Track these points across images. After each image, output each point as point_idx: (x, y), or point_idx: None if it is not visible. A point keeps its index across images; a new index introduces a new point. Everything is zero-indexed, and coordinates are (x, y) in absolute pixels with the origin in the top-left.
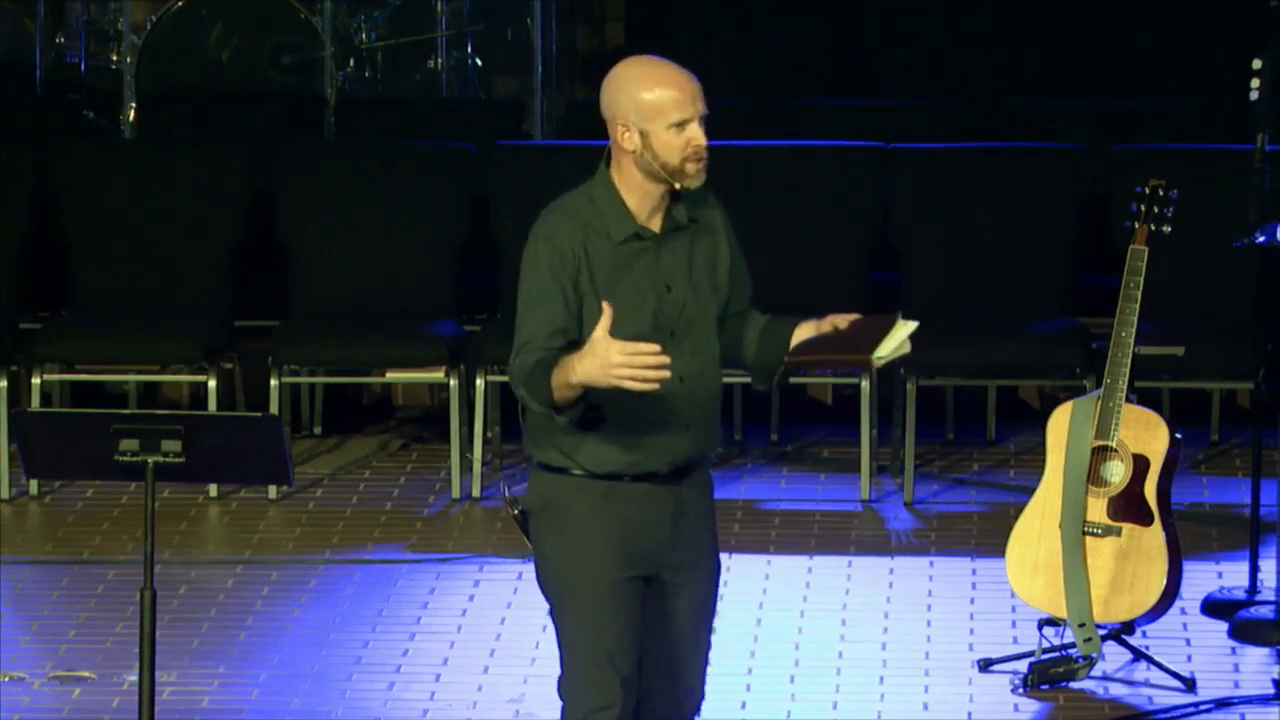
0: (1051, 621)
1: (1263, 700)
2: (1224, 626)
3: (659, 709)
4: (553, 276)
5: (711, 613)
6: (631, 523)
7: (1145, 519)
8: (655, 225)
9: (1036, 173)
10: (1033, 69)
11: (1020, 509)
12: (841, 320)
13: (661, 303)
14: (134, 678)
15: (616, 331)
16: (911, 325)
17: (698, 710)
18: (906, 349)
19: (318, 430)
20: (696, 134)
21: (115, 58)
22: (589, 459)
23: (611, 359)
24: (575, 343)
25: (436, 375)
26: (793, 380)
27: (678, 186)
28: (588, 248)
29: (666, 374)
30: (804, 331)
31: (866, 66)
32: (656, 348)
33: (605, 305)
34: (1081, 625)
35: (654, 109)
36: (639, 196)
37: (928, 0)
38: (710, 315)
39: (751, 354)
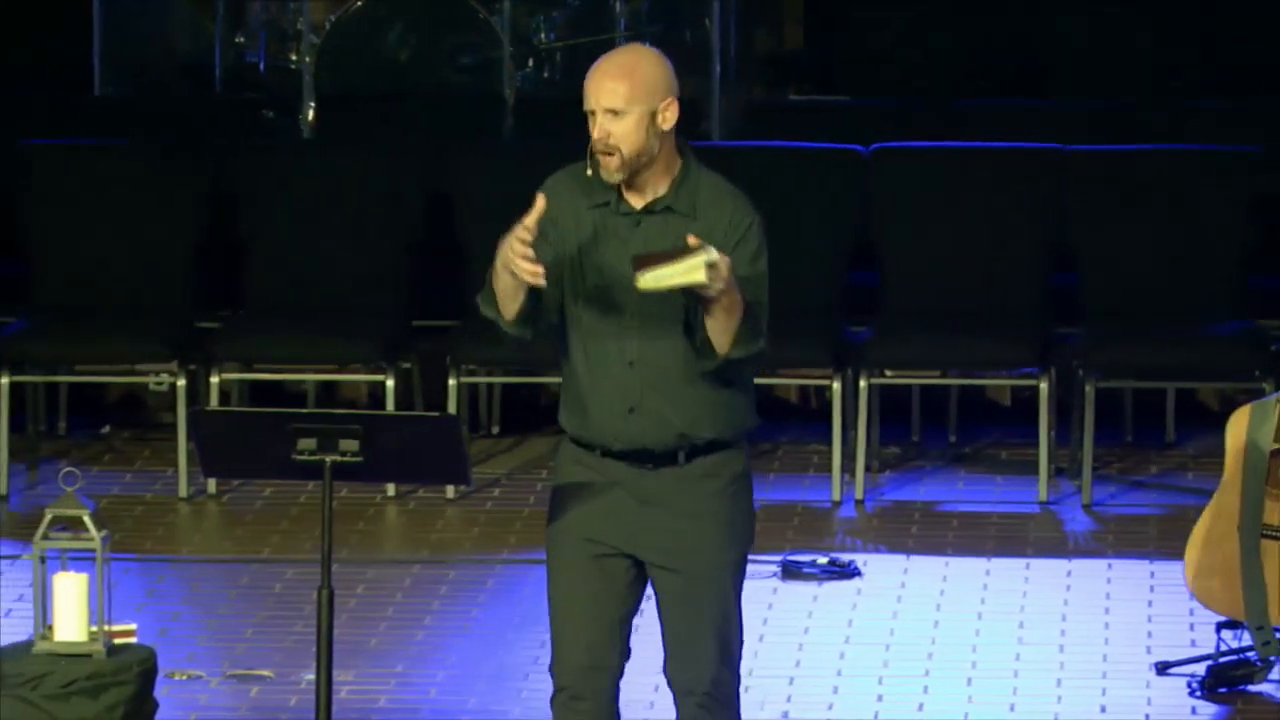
0: (1230, 624)
1: None
2: None
3: (674, 683)
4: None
5: (708, 603)
6: (598, 495)
7: None
8: (637, 202)
9: (1210, 174)
10: (1204, 69)
11: (1199, 512)
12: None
13: (624, 278)
14: (311, 676)
15: (576, 295)
16: (703, 256)
17: (713, 694)
18: (694, 278)
19: (495, 430)
20: (596, 127)
21: (294, 57)
22: (565, 420)
23: (508, 238)
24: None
25: None
26: (967, 383)
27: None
28: (571, 206)
29: (534, 270)
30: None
31: (1040, 67)
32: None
33: (539, 196)
34: (1260, 628)
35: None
36: None
37: (1100, 2)
38: (677, 305)
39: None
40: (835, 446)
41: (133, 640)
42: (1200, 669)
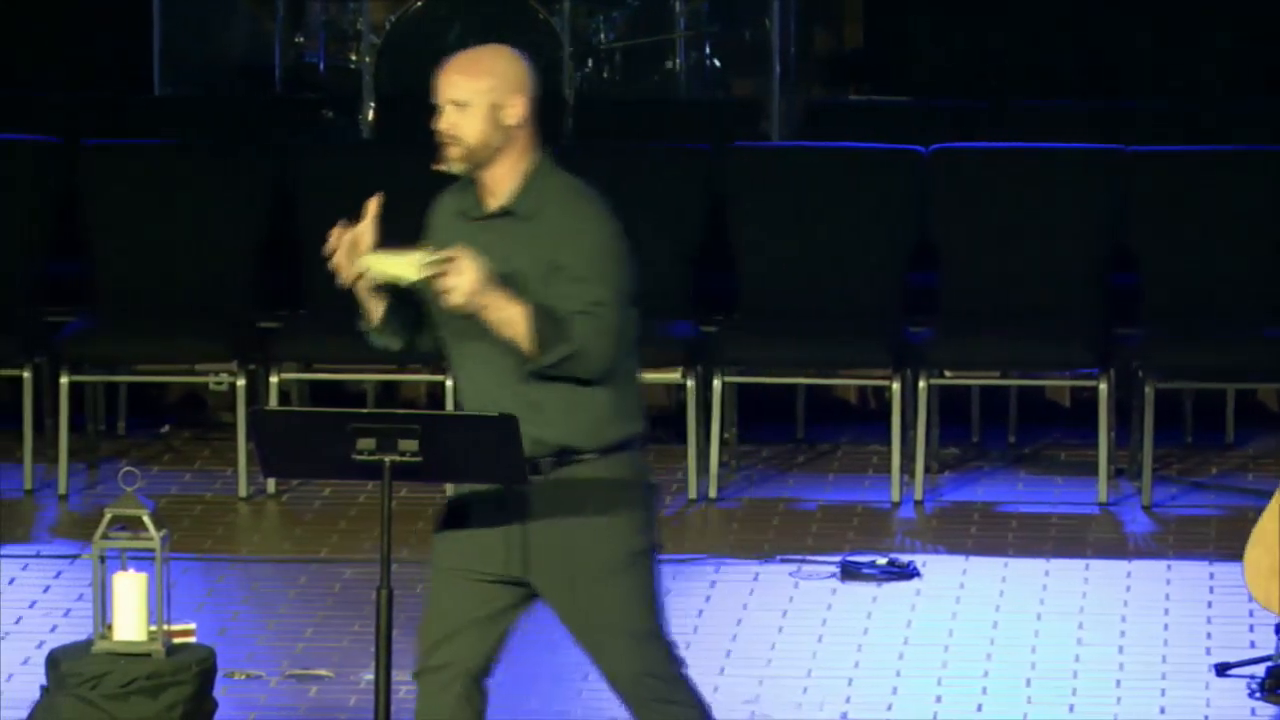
0: None
1: None
2: None
3: (612, 689)
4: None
5: (599, 609)
6: (483, 509)
7: None
8: (491, 205)
9: (1269, 175)
10: (1268, 69)
11: (1259, 513)
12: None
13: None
14: (370, 676)
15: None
16: (421, 255)
17: (644, 695)
18: (403, 273)
19: None
20: (440, 119)
21: (354, 57)
22: None
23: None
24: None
25: (673, 376)
26: (1027, 384)
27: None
28: (447, 214)
29: (338, 264)
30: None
31: (1101, 68)
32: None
33: (372, 200)
34: None
35: None
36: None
37: (1164, 3)
38: None
39: None
40: (894, 447)
41: (192, 640)
42: (1260, 670)
